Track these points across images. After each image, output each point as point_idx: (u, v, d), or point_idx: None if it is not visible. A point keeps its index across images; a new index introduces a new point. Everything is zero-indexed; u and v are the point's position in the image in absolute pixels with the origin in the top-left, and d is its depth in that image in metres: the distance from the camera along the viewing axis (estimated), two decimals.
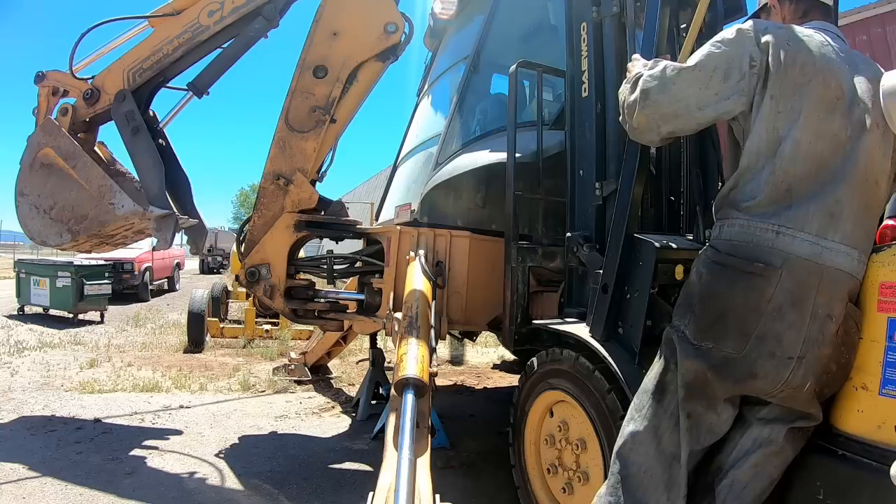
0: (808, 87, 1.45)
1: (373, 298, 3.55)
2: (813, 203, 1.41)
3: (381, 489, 2.05)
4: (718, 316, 1.43)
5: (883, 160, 1.50)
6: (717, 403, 1.47)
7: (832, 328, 1.39)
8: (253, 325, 7.48)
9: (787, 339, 1.38)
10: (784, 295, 1.37)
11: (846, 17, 9.12)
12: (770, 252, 1.40)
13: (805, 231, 1.40)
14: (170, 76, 3.84)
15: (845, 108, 1.46)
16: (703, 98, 1.51)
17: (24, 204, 3.87)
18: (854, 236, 1.43)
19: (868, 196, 1.47)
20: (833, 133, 1.45)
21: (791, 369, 1.38)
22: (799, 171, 1.43)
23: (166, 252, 12.80)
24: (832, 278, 1.39)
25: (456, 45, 4.23)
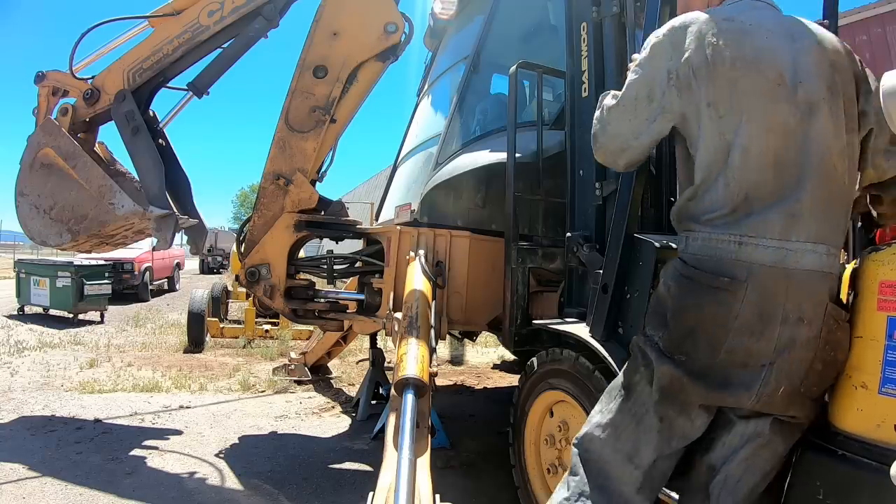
0: (744, 81, 1.37)
1: (373, 298, 3.55)
2: (774, 207, 1.35)
3: (381, 489, 2.05)
4: (689, 331, 1.40)
5: (836, 139, 1.38)
6: (690, 410, 1.44)
7: (805, 331, 1.35)
8: (253, 325, 7.48)
9: (756, 350, 1.35)
10: (751, 308, 1.34)
11: (846, 16, 9.13)
12: (734, 264, 1.36)
13: (767, 237, 1.34)
14: (170, 76, 3.84)
15: (789, 92, 1.37)
16: (636, 128, 1.51)
17: (24, 204, 3.87)
18: (820, 232, 1.36)
19: (829, 184, 1.37)
20: (781, 123, 1.36)
21: (763, 376, 1.36)
22: (753, 177, 1.36)
23: (166, 252, 12.80)
24: (800, 281, 1.35)
25: (456, 45, 4.23)
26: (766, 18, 1.45)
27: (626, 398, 1.52)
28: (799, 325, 1.34)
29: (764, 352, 1.35)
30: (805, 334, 1.35)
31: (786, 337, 1.34)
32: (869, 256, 1.51)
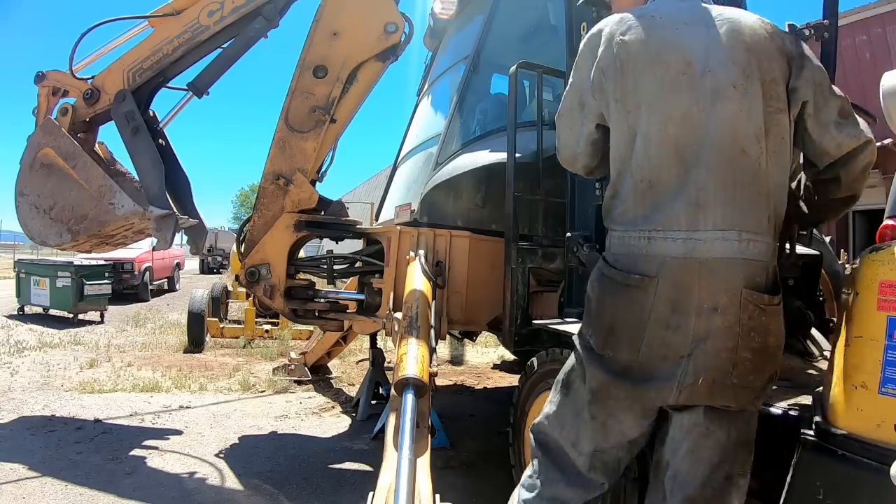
0: (647, 74, 1.40)
1: (373, 298, 3.55)
2: (678, 198, 1.35)
3: (381, 489, 2.05)
4: (610, 328, 1.43)
5: (748, 122, 1.36)
6: (619, 412, 1.45)
7: (720, 320, 1.33)
8: (253, 325, 7.48)
9: (674, 343, 1.35)
10: (664, 302, 1.34)
11: (846, 16, 9.14)
12: (645, 260, 1.37)
13: (675, 229, 1.34)
14: (170, 76, 3.84)
15: (694, 80, 1.37)
16: (577, 134, 1.59)
17: (24, 204, 3.88)
18: (729, 218, 1.33)
19: (735, 169, 1.35)
20: (683, 111, 1.37)
21: (682, 369, 1.35)
22: (655, 163, 1.38)
23: (166, 252, 12.80)
24: (712, 270, 1.33)
25: (456, 45, 4.23)
26: (683, 11, 1.46)
27: (566, 393, 1.57)
28: (713, 314, 1.33)
29: (681, 344, 1.35)
30: (720, 323, 1.33)
31: (702, 328, 1.33)
32: (869, 256, 1.51)
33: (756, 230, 1.36)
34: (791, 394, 1.98)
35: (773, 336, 1.41)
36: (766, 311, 1.37)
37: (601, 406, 1.47)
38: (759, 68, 1.38)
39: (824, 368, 1.97)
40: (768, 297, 1.37)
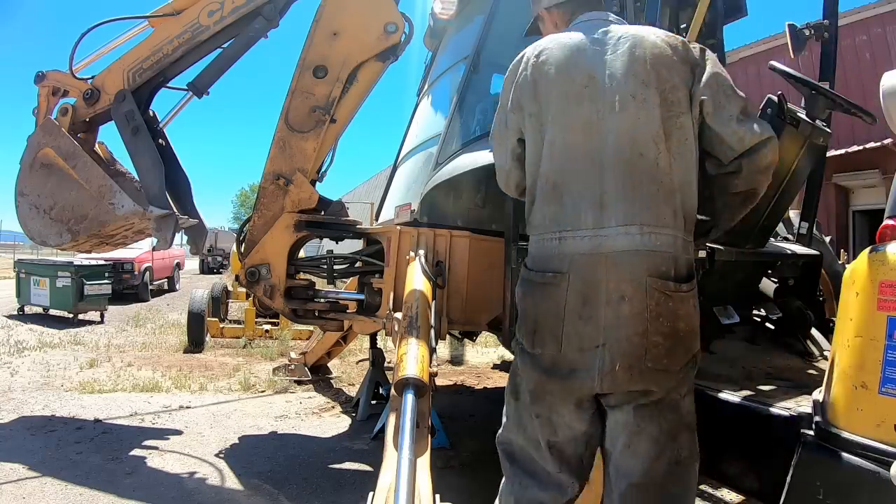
0: (555, 88, 1.56)
1: (373, 298, 3.55)
2: (584, 200, 1.49)
3: (381, 489, 2.05)
4: (535, 327, 1.54)
5: (647, 127, 1.49)
6: (558, 406, 1.53)
7: (627, 308, 1.42)
8: (253, 325, 7.48)
9: (588, 334, 1.45)
10: (575, 295, 1.46)
11: (846, 16, 9.13)
12: (557, 259, 1.50)
13: (582, 229, 1.48)
14: (170, 76, 3.84)
15: (596, 93, 1.52)
16: (506, 152, 1.74)
17: (24, 204, 3.87)
18: (629, 214, 1.46)
19: (633, 171, 1.48)
20: (584, 119, 1.52)
21: (599, 358, 1.44)
22: (558, 167, 1.54)
23: (166, 252, 12.81)
24: (616, 262, 1.44)
25: (456, 45, 4.22)
26: (591, 32, 1.61)
27: (516, 397, 1.66)
28: (622, 303, 1.42)
29: (594, 334, 1.45)
30: (628, 311, 1.42)
31: (611, 316, 1.43)
32: (869, 256, 1.51)
33: (657, 223, 1.47)
34: (791, 394, 1.98)
35: (682, 321, 1.48)
36: (674, 298, 1.45)
37: (541, 404, 1.56)
38: (657, 78, 1.51)
39: (824, 368, 1.97)
40: (674, 284, 1.46)
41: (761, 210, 2.35)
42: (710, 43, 2.96)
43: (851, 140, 9.11)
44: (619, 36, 1.58)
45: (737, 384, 2.11)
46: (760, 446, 1.82)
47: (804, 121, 2.21)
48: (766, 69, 2.44)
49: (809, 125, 2.22)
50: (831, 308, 3.07)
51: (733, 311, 2.53)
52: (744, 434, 1.89)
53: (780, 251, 2.66)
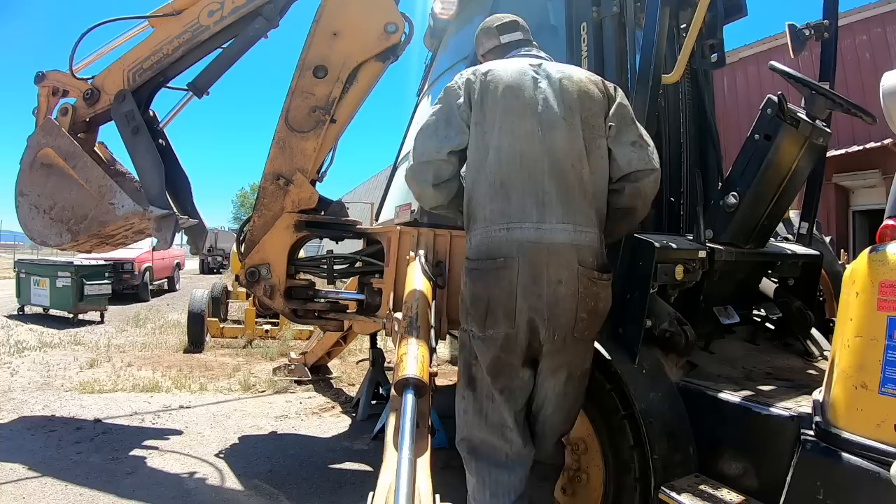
0: (502, 102, 1.82)
1: (373, 298, 3.55)
2: (528, 198, 1.76)
3: (381, 489, 2.05)
4: (487, 309, 1.75)
5: (571, 146, 1.80)
6: (517, 371, 1.80)
7: (564, 290, 1.72)
8: (253, 325, 7.47)
9: (537, 307, 1.71)
10: (526, 275, 1.71)
11: (846, 16, 9.12)
12: (507, 246, 1.74)
13: (528, 222, 1.74)
14: (170, 76, 3.84)
15: (536, 112, 1.81)
16: (438, 144, 1.89)
17: (24, 204, 3.87)
18: (566, 214, 1.76)
19: (566, 180, 1.78)
20: (527, 131, 1.80)
21: (546, 327, 1.72)
22: (505, 168, 1.79)
23: (166, 252, 12.78)
24: (555, 252, 1.73)
25: (456, 45, 4.23)
26: (529, 61, 1.94)
27: (474, 389, 1.88)
28: (559, 286, 1.72)
29: (541, 308, 1.72)
30: (564, 292, 1.72)
31: (551, 295, 1.71)
32: (869, 256, 1.51)
33: (585, 224, 1.79)
34: (791, 394, 1.98)
35: (602, 302, 1.82)
36: (597, 283, 1.78)
37: (503, 376, 1.81)
38: (581, 107, 1.84)
39: (824, 368, 1.97)
40: (597, 273, 1.78)
41: (761, 210, 2.35)
42: (711, 43, 2.96)
43: (851, 140, 9.10)
44: (553, 70, 1.90)
45: (737, 384, 2.10)
46: (760, 446, 1.82)
47: (804, 121, 2.21)
48: (766, 69, 2.44)
49: (809, 125, 2.22)
50: (831, 308, 3.07)
51: (733, 311, 2.53)
52: (744, 434, 1.89)
53: (780, 251, 2.66)
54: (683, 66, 2.15)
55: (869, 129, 8.19)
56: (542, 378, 1.85)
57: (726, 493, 1.83)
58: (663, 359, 2.19)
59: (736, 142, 2.45)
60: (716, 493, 1.83)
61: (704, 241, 2.30)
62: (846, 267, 1.60)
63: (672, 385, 2.12)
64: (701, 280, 2.32)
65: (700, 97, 2.97)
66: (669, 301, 2.25)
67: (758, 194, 2.29)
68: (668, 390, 2.09)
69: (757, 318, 2.65)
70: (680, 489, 1.85)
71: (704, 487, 1.87)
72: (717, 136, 3.00)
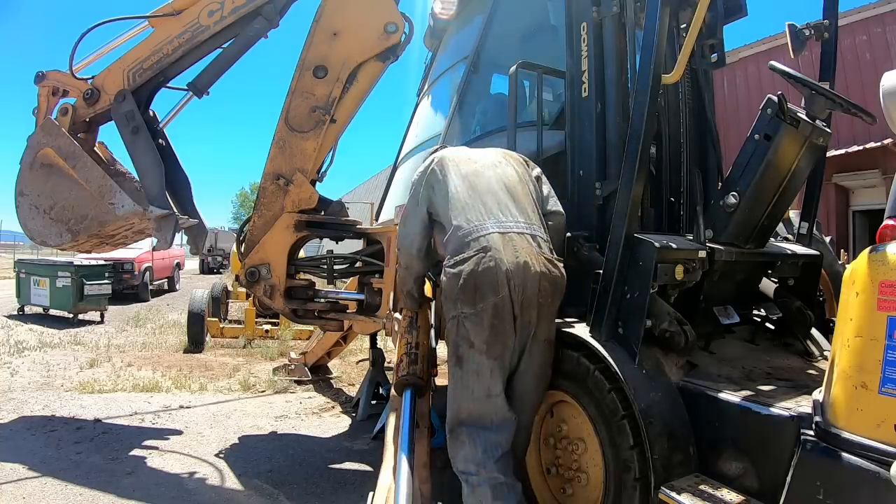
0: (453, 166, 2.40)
1: (373, 298, 3.55)
2: (490, 212, 2.23)
3: (381, 489, 2.05)
4: (475, 289, 2.08)
5: (512, 177, 2.41)
6: (507, 338, 2.10)
7: (530, 268, 2.10)
8: (253, 325, 7.47)
9: (514, 279, 2.07)
10: (503, 254, 2.09)
11: (846, 17, 9.12)
12: (479, 242, 2.14)
13: (490, 222, 2.20)
14: (170, 76, 3.84)
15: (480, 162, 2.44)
16: (415, 224, 2.49)
17: (24, 204, 3.87)
18: (520, 215, 2.25)
19: (516, 195, 2.33)
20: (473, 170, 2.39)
21: (517, 293, 2.07)
22: (469, 195, 2.30)
23: (166, 252, 12.78)
24: (519, 239, 2.16)
25: (456, 45, 4.22)
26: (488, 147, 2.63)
27: (461, 366, 2.15)
28: (527, 265, 2.09)
29: (517, 281, 2.07)
30: (532, 270, 2.10)
31: (521, 271, 2.08)
32: (869, 256, 1.51)
33: (535, 223, 2.29)
34: (791, 394, 1.98)
35: (559, 275, 2.21)
36: (553, 262, 2.19)
37: (497, 345, 2.10)
38: (511, 158, 2.53)
39: (824, 368, 1.97)
40: (552, 254, 2.24)
41: (761, 210, 2.35)
42: (711, 43, 2.95)
43: (851, 140, 9.10)
44: (502, 151, 2.60)
45: (737, 384, 2.10)
46: (760, 446, 1.82)
47: (804, 121, 2.21)
48: (766, 69, 2.44)
49: (809, 125, 2.22)
50: (831, 308, 3.07)
51: (733, 311, 2.53)
52: (744, 434, 1.88)
53: (780, 251, 2.66)
54: (683, 66, 2.15)
55: (869, 129, 8.19)
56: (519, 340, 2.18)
57: (726, 493, 1.83)
58: (663, 359, 2.19)
59: (736, 142, 2.45)
60: (716, 493, 1.83)
61: (704, 241, 2.30)
62: (846, 267, 1.61)
63: (672, 385, 2.12)
64: (701, 280, 2.32)
65: (700, 97, 2.97)
66: (669, 301, 2.25)
67: (758, 194, 2.29)
68: (668, 390, 2.09)
69: (757, 318, 2.65)
70: (680, 489, 1.85)
71: (704, 487, 1.87)
72: (717, 136, 3.00)
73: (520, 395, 2.20)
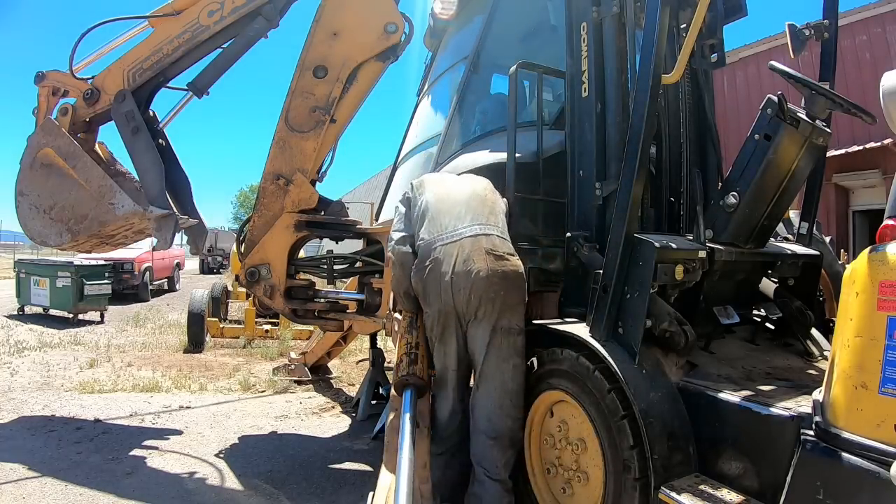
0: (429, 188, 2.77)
1: (373, 298, 3.55)
2: (446, 229, 2.52)
3: (381, 489, 2.05)
4: (425, 294, 2.48)
5: (474, 191, 2.70)
6: (454, 334, 2.48)
7: (475, 266, 2.37)
8: (253, 325, 7.47)
9: (458, 284, 2.37)
10: (445, 266, 2.40)
11: (846, 17, 9.11)
12: (435, 251, 2.47)
13: (447, 233, 2.49)
14: (170, 76, 3.84)
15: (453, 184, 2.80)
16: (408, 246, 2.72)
17: (24, 204, 3.87)
18: (469, 222, 2.51)
19: (470, 206, 2.59)
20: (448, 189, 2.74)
21: (463, 294, 2.37)
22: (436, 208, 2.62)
23: (166, 252, 12.79)
24: (463, 243, 2.43)
25: (456, 45, 4.22)
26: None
27: (437, 348, 2.56)
28: (472, 269, 2.36)
29: (460, 283, 2.37)
30: (478, 268, 2.36)
31: (466, 275, 2.36)
32: (869, 256, 1.51)
33: (488, 223, 2.52)
34: (791, 394, 1.98)
35: (511, 269, 2.44)
36: (496, 262, 2.40)
37: (446, 337, 2.51)
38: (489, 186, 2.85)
39: (824, 368, 1.97)
40: (502, 250, 2.46)
41: (761, 210, 2.35)
42: (711, 43, 2.96)
43: (851, 140, 9.10)
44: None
45: (737, 384, 2.10)
46: (760, 446, 1.82)
47: (804, 121, 2.21)
48: (766, 69, 2.44)
49: (809, 125, 2.22)
50: (831, 308, 3.07)
51: (733, 311, 2.53)
52: (744, 434, 1.89)
53: (780, 251, 2.66)
54: (683, 66, 2.15)
55: (869, 129, 8.19)
56: (472, 335, 2.47)
57: (726, 493, 1.83)
58: (663, 359, 2.19)
59: (736, 142, 2.45)
60: (716, 493, 1.83)
61: (704, 241, 2.30)
62: (846, 267, 1.61)
63: (672, 385, 2.12)
64: (701, 280, 2.32)
65: (700, 97, 2.97)
66: (669, 301, 2.25)
67: (758, 194, 2.29)
68: (668, 390, 2.09)
69: (757, 318, 2.65)
70: (680, 489, 1.85)
71: (704, 487, 1.87)
72: (717, 136, 3.00)
73: (487, 375, 2.44)
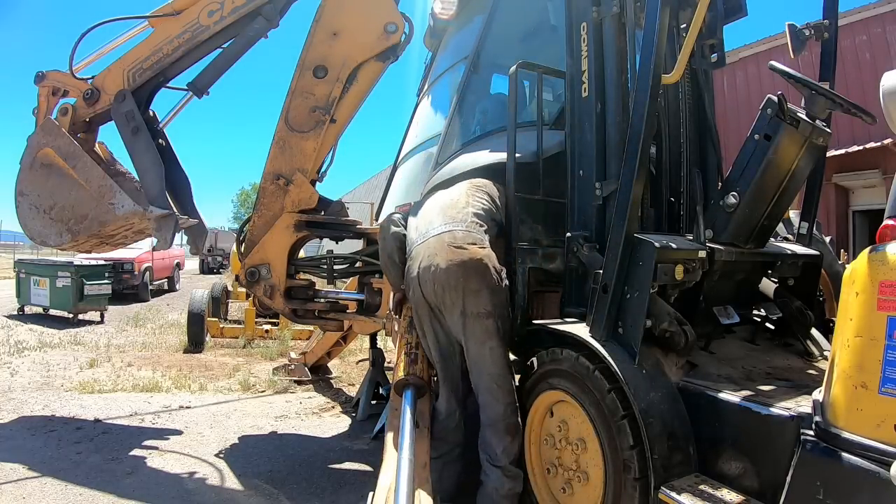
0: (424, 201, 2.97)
1: (373, 298, 3.55)
2: (421, 233, 2.68)
3: (381, 489, 2.05)
4: (406, 288, 2.67)
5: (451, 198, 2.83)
6: (429, 324, 2.62)
7: (438, 260, 2.50)
8: (253, 325, 7.47)
9: (422, 279, 2.55)
10: (414, 264, 2.61)
11: (846, 17, 9.12)
12: (411, 254, 2.67)
13: (421, 233, 2.67)
14: (170, 76, 3.84)
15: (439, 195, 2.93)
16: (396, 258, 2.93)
17: (24, 204, 3.87)
18: (437, 223, 2.65)
19: (443, 210, 2.72)
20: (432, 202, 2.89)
21: (430, 284, 2.52)
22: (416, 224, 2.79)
23: (166, 252, 12.79)
24: (428, 242, 2.59)
25: (456, 45, 4.22)
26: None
27: (423, 343, 2.71)
28: (430, 265, 2.49)
29: (427, 277, 2.50)
30: (437, 261, 2.48)
31: (427, 270, 2.51)
32: (869, 256, 1.51)
33: (450, 222, 2.63)
34: (791, 394, 1.98)
35: (472, 260, 2.50)
36: (457, 253, 2.49)
37: (425, 328, 2.65)
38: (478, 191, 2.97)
39: (824, 368, 1.97)
40: (465, 243, 2.54)
41: (761, 210, 2.35)
42: (711, 43, 2.95)
43: (851, 140, 9.10)
44: None
45: (737, 384, 2.10)
46: (760, 446, 1.82)
47: (804, 121, 2.21)
48: (766, 69, 2.44)
49: (809, 125, 2.22)
50: (831, 308, 3.07)
51: (733, 311, 2.53)
52: (744, 434, 1.89)
53: (780, 251, 2.66)
54: (683, 66, 2.15)
55: (869, 129, 8.19)
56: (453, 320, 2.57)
57: (726, 493, 1.83)
58: (663, 359, 2.19)
59: (736, 142, 2.45)
60: (716, 493, 1.83)
61: (704, 241, 2.30)
62: (846, 267, 1.61)
63: (672, 385, 2.12)
64: (701, 280, 2.32)
65: (700, 97, 2.97)
66: (669, 301, 2.25)
67: (758, 194, 2.29)
68: (668, 390, 2.09)
69: (757, 318, 2.65)
70: (680, 489, 1.85)
71: (704, 487, 1.87)
72: (717, 136, 3.00)
73: (472, 362, 2.54)
